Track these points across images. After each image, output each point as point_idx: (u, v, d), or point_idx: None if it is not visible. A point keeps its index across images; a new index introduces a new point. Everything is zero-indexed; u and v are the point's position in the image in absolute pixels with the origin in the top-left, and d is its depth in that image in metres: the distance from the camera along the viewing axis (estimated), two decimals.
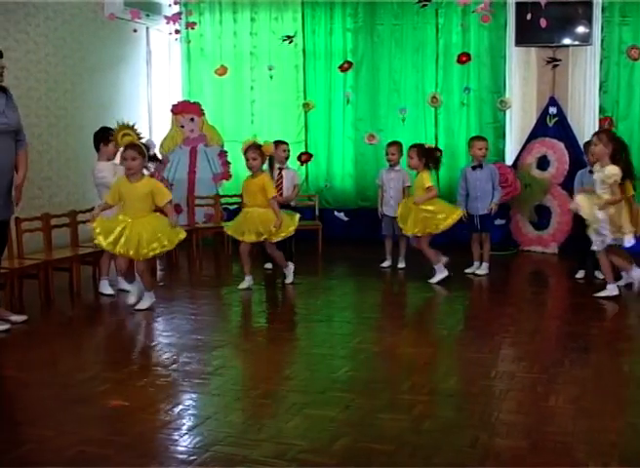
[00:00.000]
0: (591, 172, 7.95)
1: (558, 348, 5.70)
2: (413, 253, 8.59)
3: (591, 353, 5.53)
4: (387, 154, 8.76)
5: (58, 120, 8.99)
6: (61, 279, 7.42)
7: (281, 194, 8.48)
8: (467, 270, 8.44)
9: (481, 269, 8.41)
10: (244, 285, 7.72)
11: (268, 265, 8.68)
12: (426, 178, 7.97)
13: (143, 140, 6.89)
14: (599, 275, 7.91)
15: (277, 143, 8.61)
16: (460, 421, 4.13)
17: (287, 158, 8.81)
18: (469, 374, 5.16)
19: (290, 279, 8.01)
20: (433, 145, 8.62)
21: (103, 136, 7.40)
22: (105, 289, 7.47)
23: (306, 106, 10.77)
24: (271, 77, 10.71)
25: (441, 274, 7.97)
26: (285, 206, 8.20)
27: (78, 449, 3.71)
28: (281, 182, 8.59)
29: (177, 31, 9.77)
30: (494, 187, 8.39)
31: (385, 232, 8.83)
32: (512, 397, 4.56)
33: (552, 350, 5.66)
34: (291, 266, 8.09)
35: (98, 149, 7.47)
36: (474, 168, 8.41)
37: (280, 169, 8.63)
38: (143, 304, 6.81)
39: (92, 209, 8.06)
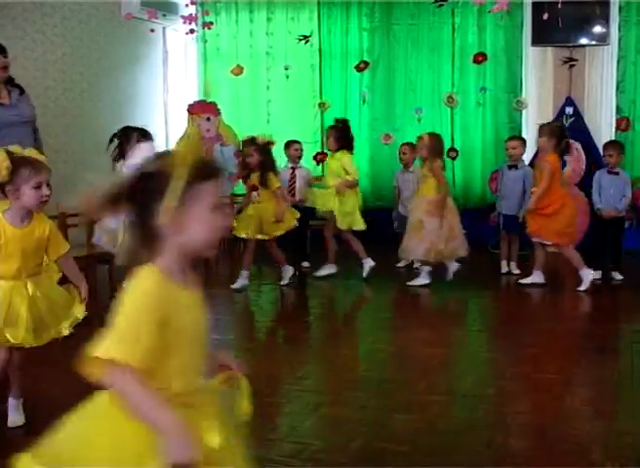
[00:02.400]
0: (609, 172, 7.95)
1: (574, 349, 5.69)
2: None
3: (608, 354, 5.51)
4: (400, 154, 8.75)
5: (74, 119, 9.01)
6: None
7: (293, 194, 8.56)
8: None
9: (514, 269, 8.40)
10: None
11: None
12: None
13: None
14: (616, 275, 7.90)
15: (290, 143, 8.75)
16: (476, 422, 4.13)
17: (300, 157, 8.83)
18: (485, 375, 5.16)
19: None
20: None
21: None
22: None
23: (322, 106, 10.77)
24: (287, 77, 10.71)
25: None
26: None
27: None
28: (294, 182, 8.65)
29: (191, 31, 9.79)
30: (525, 191, 8.38)
31: (399, 230, 8.78)
32: (528, 397, 4.55)
33: (568, 351, 5.64)
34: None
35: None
36: (510, 167, 8.39)
37: (293, 168, 8.69)
38: None
39: None
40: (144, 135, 7.44)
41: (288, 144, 8.78)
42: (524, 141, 8.69)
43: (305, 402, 4.45)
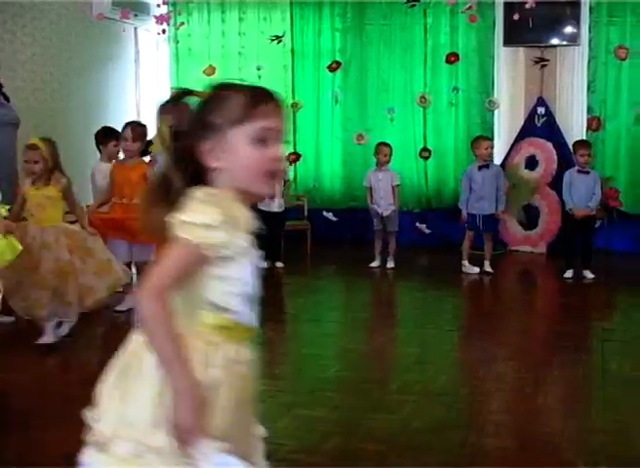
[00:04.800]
0: (580, 171, 8.01)
1: (547, 348, 5.71)
2: (402, 253, 8.61)
3: (580, 352, 5.55)
4: (378, 154, 8.72)
5: (44, 120, 8.93)
6: None
7: (273, 195, 8.62)
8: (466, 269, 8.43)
9: (487, 267, 8.41)
10: None
11: (263, 265, 8.65)
12: None
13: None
14: (588, 274, 7.95)
15: None
16: (450, 421, 4.14)
17: None
18: (459, 374, 5.18)
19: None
20: None
21: (105, 136, 7.35)
22: None
23: (295, 106, 10.74)
24: (260, 77, 10.68)
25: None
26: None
27: (68, 451, 3.69)
28: None
29: (163, 31, 9.78)
30: (498, 189, 8.42)
31: (377, 227, 8.77)
32: (501, 397, 4.57)
33: (541, 350, 5.67)
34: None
35: (99, 149, 7.40)
36: (480, 167, 8.43)
37: None
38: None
39: None
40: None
41: None
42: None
43: (280, 402, 4.44)
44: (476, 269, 8.38)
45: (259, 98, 1.98)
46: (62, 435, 3.86)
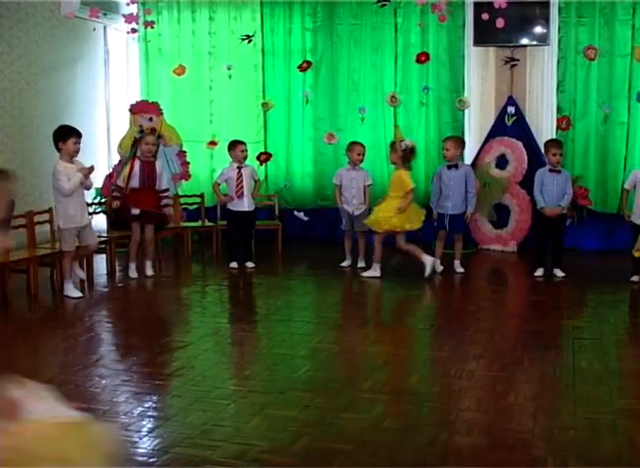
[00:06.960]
0: (551, 170, 8.05)
1: (517, 346, 5.73)
2: (373, 252, 8.61)
3: (550, 350, 5.57)
4: (352, 153, 8.69)
5: (13, 120, 8.88)
6: (18, 281, 7.31)
7: (241, 194, 8.58)
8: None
9: (458, 267, 8.43)
10: None
11: (234, 265, 8.64)
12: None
13: None
14: (558, 273, 8.00)
15: (236, 143, 8.77)
16: (421, 420, 4.14)
17: (245, 158, 8.85)
18: (429, 373, 5.18)
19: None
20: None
21: (62, 135, 7.26)
22: (72, 292, 7.30)
23: (265, 106, 10.72)
24: (230, 77, 10.66)
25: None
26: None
27: None
28: (242, 181, 8.65)
29: (133, 30, 9.72)
30: (467, 190, 8.43)
31: (345, 227, 8.78)
32: (472, 395, 4.58)
33: (512, 348, 5.69)
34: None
35: (58, 148, 7.29)
36: (449, 167, 8.45)
37: (239, 167, 8.70)
38: None
39: (49, 210, 7.95)
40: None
41: (234, 145, 8.78)
42: (461, 142, 8.81)
43: (251, 402, 4.42)
44: (440, 268, 8.38)
45: None
46: None
